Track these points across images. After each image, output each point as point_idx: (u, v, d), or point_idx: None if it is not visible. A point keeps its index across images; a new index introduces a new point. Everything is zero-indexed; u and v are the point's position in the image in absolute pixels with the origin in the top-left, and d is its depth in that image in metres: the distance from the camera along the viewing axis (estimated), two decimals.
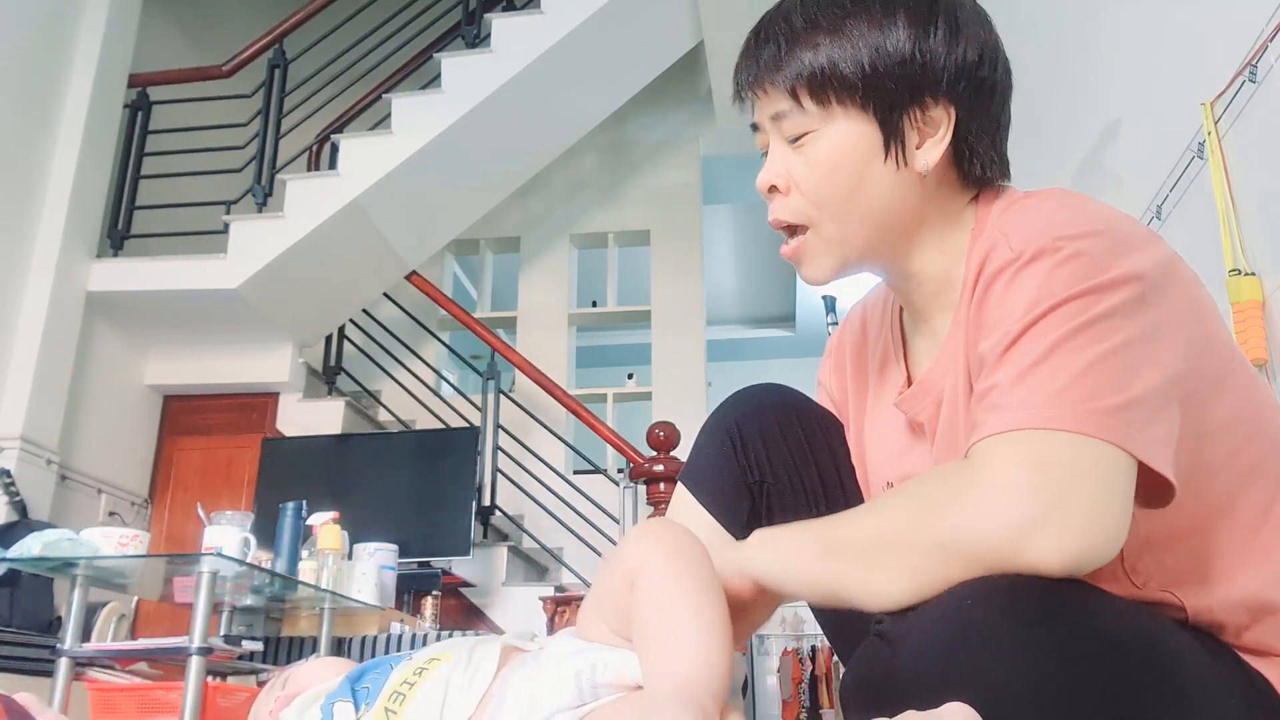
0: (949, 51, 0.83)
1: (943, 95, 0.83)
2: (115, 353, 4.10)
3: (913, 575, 0.68)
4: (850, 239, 0.86)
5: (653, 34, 4.30)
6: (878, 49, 0.82)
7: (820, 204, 0.85)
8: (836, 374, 1.06)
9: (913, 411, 0.89)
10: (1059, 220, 0.76)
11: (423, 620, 3.30)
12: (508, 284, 5.68)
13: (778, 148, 0.87)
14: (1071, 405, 0.68)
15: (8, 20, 3.55)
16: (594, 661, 0.70)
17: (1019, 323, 0.72)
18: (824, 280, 0.89)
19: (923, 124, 0.84)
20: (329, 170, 4.12)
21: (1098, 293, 0.71)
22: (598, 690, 0.69)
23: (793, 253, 0.89)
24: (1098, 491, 0.66)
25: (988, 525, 0.66)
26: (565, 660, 0.71)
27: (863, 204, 0.84)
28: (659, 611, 0.68)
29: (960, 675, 0.60)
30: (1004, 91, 0.87)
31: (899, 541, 0.70)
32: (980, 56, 0.84)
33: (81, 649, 2.21)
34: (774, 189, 0.88)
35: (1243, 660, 0.75)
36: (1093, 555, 0.65)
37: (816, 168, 0.85)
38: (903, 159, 0.83)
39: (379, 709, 0.73)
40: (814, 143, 0.85)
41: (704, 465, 1.00)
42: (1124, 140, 2.17)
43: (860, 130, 0.83)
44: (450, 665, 0.74)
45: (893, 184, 0.84)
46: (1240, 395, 0.78)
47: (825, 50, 0.83)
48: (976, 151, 0.85)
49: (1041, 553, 0.64)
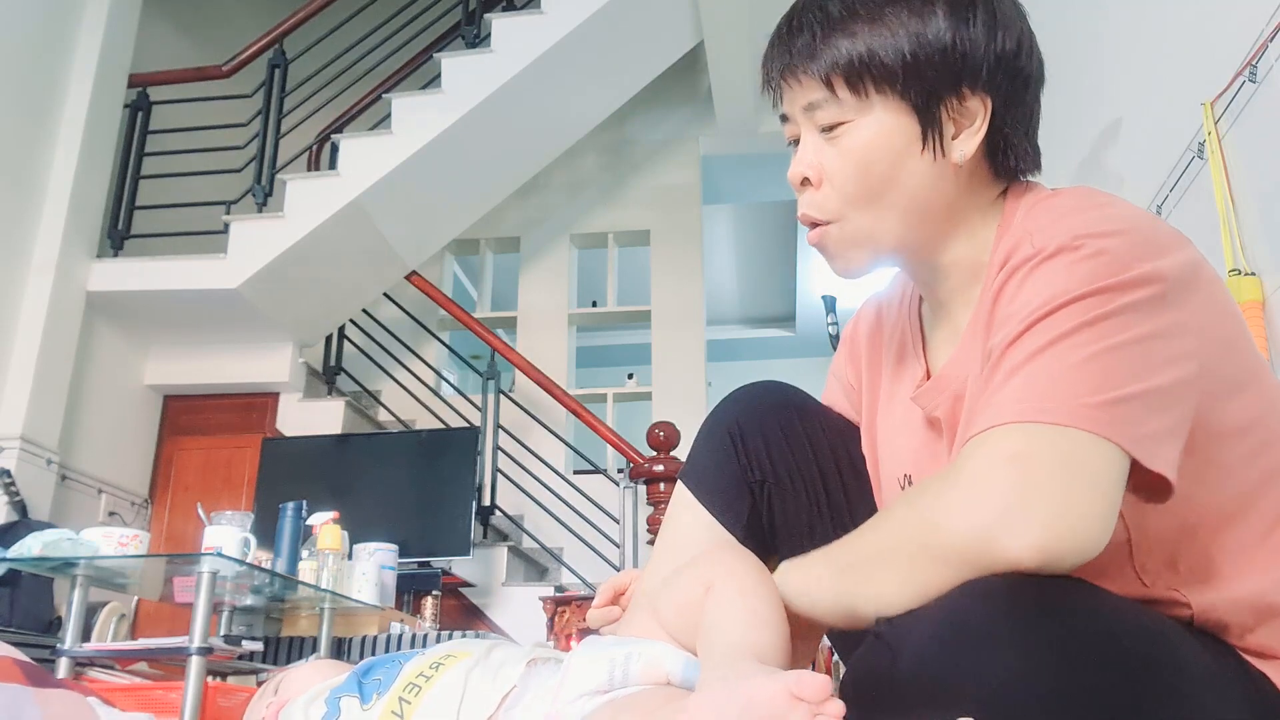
0: (989, 42, 0.82)
1: (981, 86, 0.82)
2: (115, 353, 4.10)
3: (909, 581, 0.68)
4: (883, 231, 0.84)
5: (653, 34, 4.30)
6: (918, 37, 0.81)
7: (853, 197, 0.83)
8: (852, 364, 1.05)
9: (929, 406, 0.88)
10: (1084, 219, 0.75)
11: (423, 620, 3.30)
12: (508, 284, 5.67)
13: (810, 139, 0.86)
14: (1064, 398, 0.67)
15: (8, 20, 3.55)
16: (629, 652, 0.70)
17: (1029, 317, 0.72)
18: (856, 273, 0.88)
19: (959, 115, 0.82)
20: (329, 170, 4.12)
21: (1114, 290, 0.70)
22: (629, 678, 0.69)
23: (819, 240, 0.87)
24: (1077, 485, 0.65)
25: (963, 524, 0.66)
26: (600, 649, 0.71)
27: (897, 196, 0.83)
28: (731, 611, 0.70)
29: (959, 675, 0.60)
30: (1038, 83, 0.86)
31: (895, 550, 0.70)
32: (1019, 46, 0.83)
33: (81, 649, 2.21)
34: (806, 181, 0.86)
35: (1246, 662, 0.74)
36: (1069, 549, 0.64)
37: (851, 159, 0.83)
38: (939, 150, 0.82)
39: (392, 697, 0.73)
40: (849, 134, 0.83)
41: (704, 464, 0.99)
42: (1124, 140, 2.17)
43: (897, 121, 0.82)
44: (470, 661, 0.74)
45: (928, 175, 0.83)
46: (1261, 401, 0.77)
47: (864, 39, 0.81)
48: (1011, 143, 0.84)
49: (1014, 548, 0.64)
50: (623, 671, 0.69)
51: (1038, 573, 0.64)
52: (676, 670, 0.69)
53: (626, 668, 0.69)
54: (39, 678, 0.89)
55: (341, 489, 3.66)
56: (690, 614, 0.72)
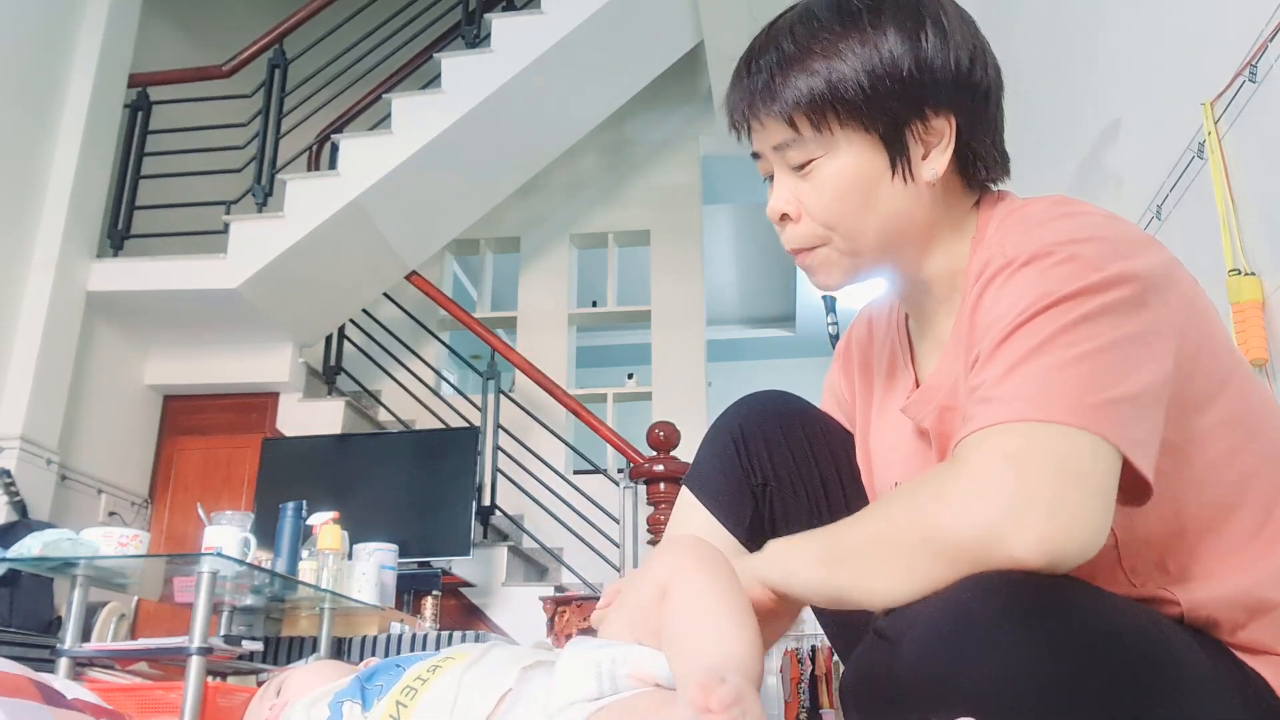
0: (943, 60, 0.82)
1: (943, 105, 0.83)
2: (115, 353, 4.10)
3: (906, 575, 0.69)
4: (863, 252, 0.86)
5: (653, 34, 4.30)
6: (874, 67, 0.81)
7: (832, 226, 0.85)
8: (845, 376, 1.06)
9: (918, 417, 0.89)
10: (1054, 228, 0.76)
11: (423, 620, 3.29)
12: (508, 284, 5.68)
13: (783, 177, 0.87)
14: (1059, 397, 0.68)
15: (8, 20, 3.55)
16: (614, 655, 0.71)
17: (1012, 321, 0.72)
18: (836, 287, 0.90)
19: (926, 136, 0.83)
20: (329, 170, 4.12)
21: (1091, 292, 0.71)
22: (617, 683, 0.69)
23: (804, 263, 0.89)
24: (1077, 484, 0.66)
25: (965, 521, 0.66)
26: (585, 653, 0.72)
27: (874, 221, 0.84)
28: (689, 612, 0.70)
29: (958, 672, 0.60)
30: (998, 90, 0.87)
31: (891, 542, 0.71)
32: (972, 60, 0.84)
33: (81, 649, 2.21)
34: (785, 217, 0.87)
35: (1238, 658, 0.75)
36: (1072, 548, 0.64)
37: (825, 194, 0.84)
38: (909, 174, 0.83)
39: (390, 701, 0.74)
40: (820, 169, 0.84)
41: (708, 469, 1.01)
42: (1124, 140, 2.17)
43: (865, 151, 0.83)
44: (463, 665, 0.75)
45: (902, 198, 0.84)
46: (1239, 399, 0.78)
47: (822, 75, 0.82)
48: (979, 154, 0.85)
49: (1018, 546, 0.64)
50: (610, 677, 0.69)
51: (1040, 572, 0.64)
52: (663, 672, 0.70)
53: (614, 673, 0.70)
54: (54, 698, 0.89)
55: (341, 489, 3.66)
56: (647, 618, 0.73)
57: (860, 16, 0.83)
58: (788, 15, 0.87)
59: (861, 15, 0.83)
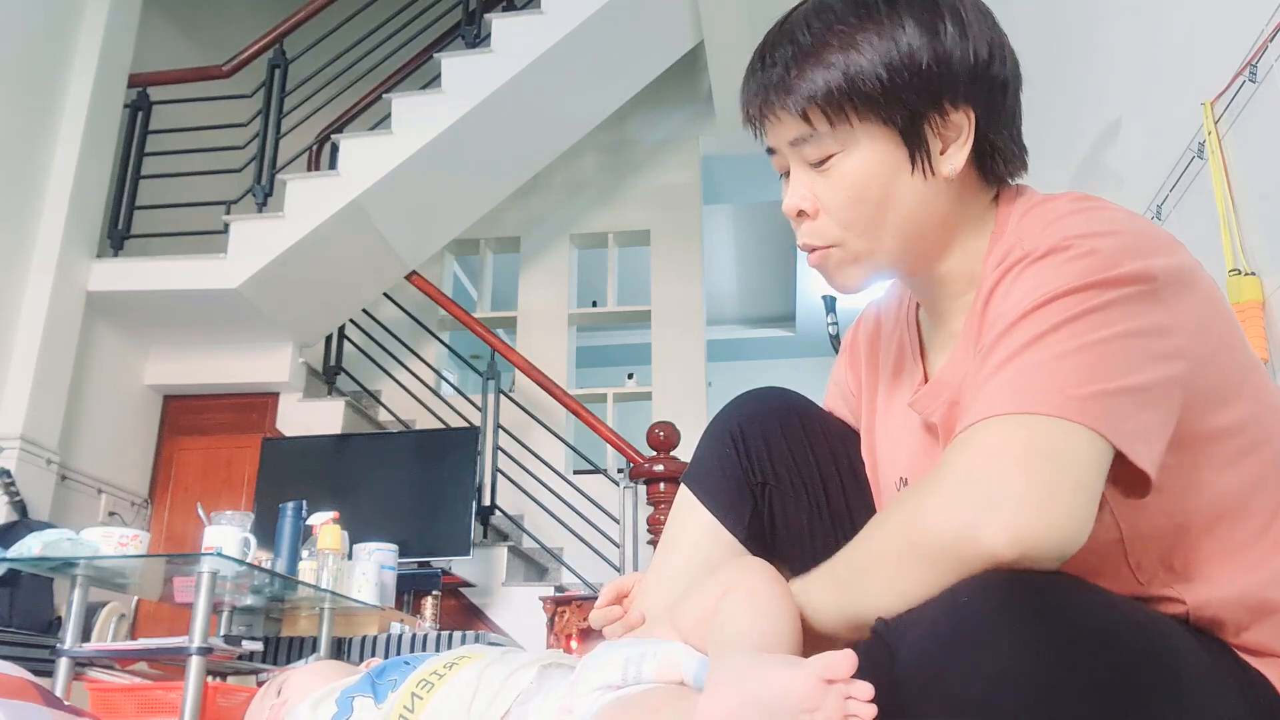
0: (961, 53, 0.81)
1: (961, 98, 0.82)
2: (115, 353, 4.10)
3: (897, 583, 0.68)
4: (881, 251, 0.84)
5: (653, 34, 4.30)
6: (892, 60, 0.80)
7: (851, 223, 0.83)
8: (852, 370, 1.05)
9: (926, 412, 0.88)
10: (1075, 222, 0.75)
11: (422, 620, 3.29)
12: (508, 284, 5.67)
13: (799, 173, 0.85)
14: (1046, 389, 0.67)
15: (8, 20, 3.55)
16: (644, 650, 0.71)
17: (1019, 312, 0.72)
18: (855, 289, 0.88)
19: (944, 130, 0.82)
20: (329, 170, 4.12)
21: (1104, 285, 0.70)
22: (641, 676, 0.69)
23: (820, 262, 0.87)
24: (1053, 475, 0.65)
25: (942, 521, 0.66)
26: (619, 647, 0.72)
27: (892, 218, 0.83)
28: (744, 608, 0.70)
29: (956, 672, 0.60)
30: (1016, 83, 0.86)
31: (888, 553, 0.70)
32: (990, 53, 0.83)
33: (81, 649, 2.21)
34: (801, 213, 0.85)
35: (1241, 659, 0.74)
36: (1047, 539, 0.64)
37: (843, 189, 0.83)
38: (929, 168, 0.82)
39: (404, 693, 0.74)
40: (838, 165, 0.83)
41: (706, 467, 1.00)
42: (1124, 140, 2.17)
43: (884, 146, 0.81)
44: (482, 663, 0.75)
45: (921, 193, 0.82)
46: (1254, 401, 0.77)
47: (839, 68, 0.80)
48: (998, 148, 0.84)
49: (990, 540, 0.64)
50: (636, 669, 0.69)
51: (1016, 566, 0.64)
52: (691, 670, 0.69)
53: (640, 665, 0.69)
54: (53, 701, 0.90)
55: (341, 489, 3.66)
56: (703, 617, 0.73)
57: (877, 8, 0.81)
58: (802, 7, 0.86)
59: (878, 7, 0.81)
